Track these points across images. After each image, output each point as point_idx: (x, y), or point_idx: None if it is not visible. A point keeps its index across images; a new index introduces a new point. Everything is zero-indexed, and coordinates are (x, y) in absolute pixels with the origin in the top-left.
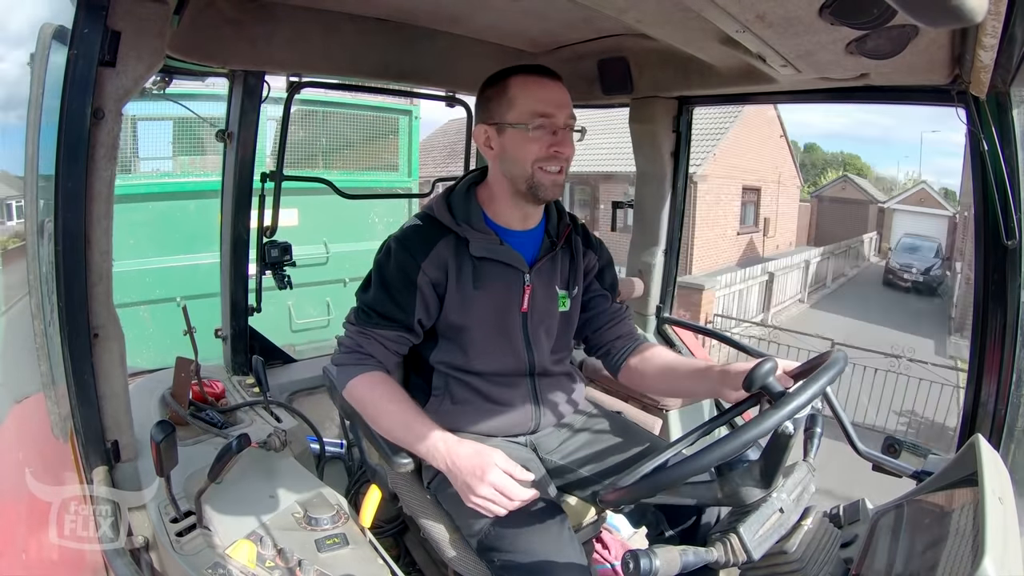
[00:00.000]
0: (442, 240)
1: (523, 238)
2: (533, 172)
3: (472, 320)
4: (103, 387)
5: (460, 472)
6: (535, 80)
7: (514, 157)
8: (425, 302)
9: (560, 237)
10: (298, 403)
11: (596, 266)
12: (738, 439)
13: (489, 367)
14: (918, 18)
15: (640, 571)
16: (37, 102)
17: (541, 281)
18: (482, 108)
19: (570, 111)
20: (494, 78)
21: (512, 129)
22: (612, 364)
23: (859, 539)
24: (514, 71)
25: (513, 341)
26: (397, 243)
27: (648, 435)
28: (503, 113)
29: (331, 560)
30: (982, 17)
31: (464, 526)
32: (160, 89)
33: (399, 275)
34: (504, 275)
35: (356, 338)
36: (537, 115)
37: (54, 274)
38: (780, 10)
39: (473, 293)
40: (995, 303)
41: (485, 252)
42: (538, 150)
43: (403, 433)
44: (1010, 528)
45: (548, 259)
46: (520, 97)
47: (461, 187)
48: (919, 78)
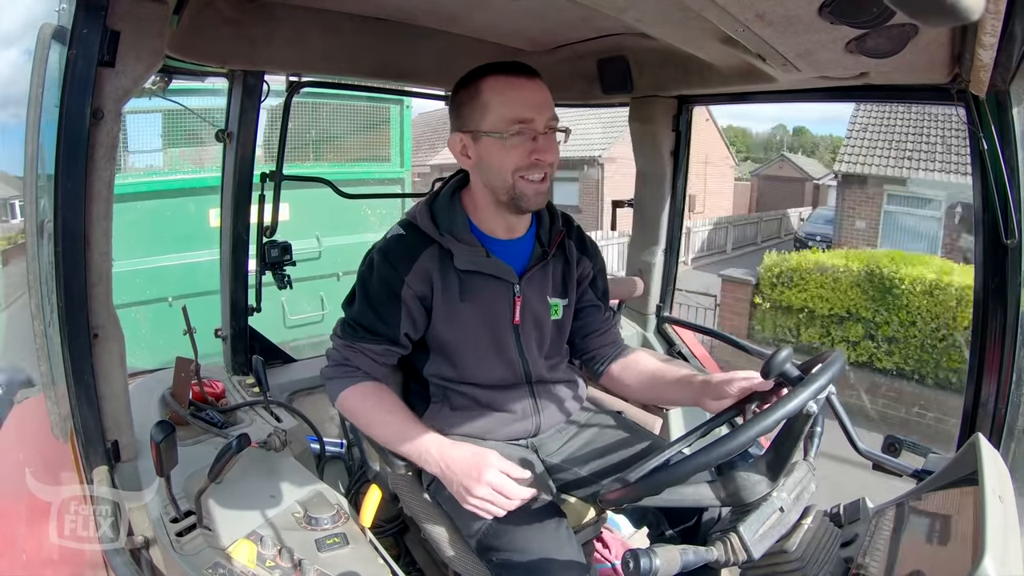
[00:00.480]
0: (425, 251)
1: (511, 247)
2: (514, 182)
3: (460, 334)
4: (103, 387)
5: (455, 475)
6: (509, 81)
7: (492, 167)
8: (411, 316)
9: (552, 244)
10: (298, 403)
11: (591, 273)
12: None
13: (484, 379)
14: (915, 17)
15: (640, 570)
16: (37, 102)
17: (532, 290)
18: (455, 114)
19: (551, 112)
20: (464, 80)
21: (488, 137)
22: (595, 370)
23: (859, 538)
24: (485, 71)
25: (506, 353)
26: (380, 255)
27: (649, 434)
28: (477, 120)
29: (331, 560)
30: (979, 15)
31: (463, 526)
32: (160, 89)
33: (383, 289)
34: (492, 287)
35: (343, 351)
36: (514, 121)
37: (54, 274)
38: (780, 9)
39: (460, 306)
40: (995, 302)
41: (470, 265)
42: (517, 159)
43: (396, 442)
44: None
45: (539, 268)
46: (494, 101)
47: (445, 193)
48: (919, 77)
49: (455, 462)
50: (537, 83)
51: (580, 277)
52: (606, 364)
